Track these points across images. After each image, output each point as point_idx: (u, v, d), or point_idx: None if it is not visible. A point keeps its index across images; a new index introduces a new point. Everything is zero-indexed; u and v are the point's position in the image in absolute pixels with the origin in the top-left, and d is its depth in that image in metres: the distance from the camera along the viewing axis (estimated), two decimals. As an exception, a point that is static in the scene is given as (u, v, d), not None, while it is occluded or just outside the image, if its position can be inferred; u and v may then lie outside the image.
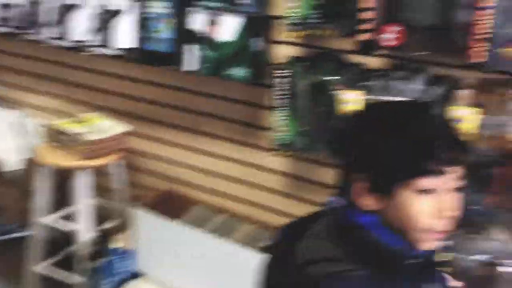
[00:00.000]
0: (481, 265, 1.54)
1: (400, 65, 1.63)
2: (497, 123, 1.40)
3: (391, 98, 1.52)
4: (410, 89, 1.53)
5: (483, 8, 1.28)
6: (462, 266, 1.55)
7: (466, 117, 1.37)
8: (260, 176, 2.08)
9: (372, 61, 1.68)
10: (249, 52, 1.78)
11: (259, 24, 1.77)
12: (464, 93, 1.45)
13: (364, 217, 0.91)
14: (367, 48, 1.48)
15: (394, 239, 0.89)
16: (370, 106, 1.03)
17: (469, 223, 1.57)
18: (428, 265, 0.91)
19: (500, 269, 1.51)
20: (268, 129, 1.94)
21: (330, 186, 1.07)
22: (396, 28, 1.46)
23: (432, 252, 0.92)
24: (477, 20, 1.32)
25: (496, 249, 1.53)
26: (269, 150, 1.93)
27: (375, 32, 1.46)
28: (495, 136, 1.40)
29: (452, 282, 1.34)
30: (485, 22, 1.31)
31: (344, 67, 1.69)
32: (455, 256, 1.53)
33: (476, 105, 1.43)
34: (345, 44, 1.66)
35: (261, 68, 1.82)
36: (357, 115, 0.97)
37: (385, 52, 1.57)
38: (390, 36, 1.46)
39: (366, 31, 1.46)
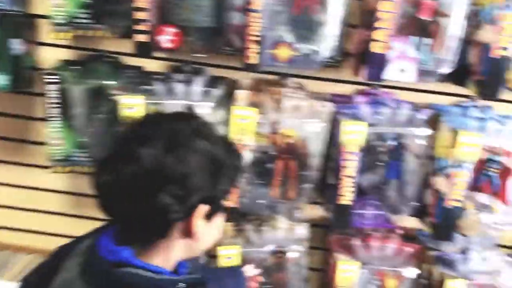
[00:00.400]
0: (271, 254, 1.63)
1: (180, 68, 1.61)
2: (272, 120, 1.49)
3: (174, 102, 1.49)
4: (192, 92, 1.52)
5: (252, 11, 1.34)
6: (255, 259, 1.62)
7: (246, 117, 1.42)
8: (37, 198, 1.83)
9: (152, 64, 1.62)
10: (7, 56, 1.52)
11: (18, 24, 1.54)
12: (242, 94, 1.51)
13: (122, 252, 0.85)
14: (144, 50, 1.41)
15: (155, 268, 0.87)
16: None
17: (257, 217, 1.65)
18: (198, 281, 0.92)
19: (287, 255, 1.63)
20: (41, 143, 1.71)
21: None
22: (173, 30, 1.42)
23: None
24: (249, 22, 1.37)
25: (282, 238, 1.64)
26: (44, 167, 1.70)
27: (152, 33, 1.40)
28: (271, 133, 1.49)
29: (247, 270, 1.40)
30: (255, 24, 1.37)
31: (123, 70, 1.59)
32: (246, 250, 1.59)
33: (254, 104, 1.49)
34: (121, 45, 1.57)
35: (25, 74, 1.59)
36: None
37: (163, 54, 1.53)
38: (167, 37, 1.42)
39: (141, 32, 1.39)
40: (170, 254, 0.89)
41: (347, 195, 1.49)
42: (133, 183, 0.81)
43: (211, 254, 1.66)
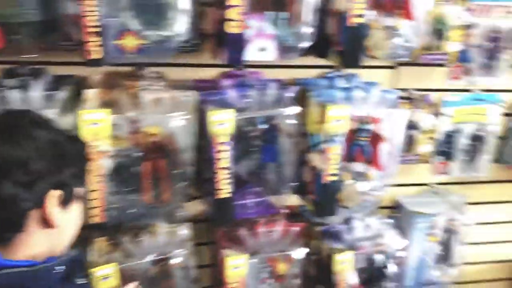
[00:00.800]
0: (154, 264, 1.49)
1: (13, 71, 1.37)
2: (131, 119, 1.32)
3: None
4: (30, 99, 1.29)
5: (84, -1, 1.15)
6: (136, 272, 1.47)
7: (97, 120, 1.24)
8: None
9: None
10: None
11: None
12: (91, 93, 1.32)
13: None
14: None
15: (23, 262, 0.85)
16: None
17: (131, 227, 1.50)
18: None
19: (171, 261, 1.50)
20: None
21: None
22: (-10, 28, 1.18)
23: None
24: (84, 11, 1.18)
25: (163, 244, 1.51)
26: None
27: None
28: (132, 133, 1.33)
29: None
30: (92, 13, 1.18)
31: None
32: (126, 265, 1.44)
33: (107, 104, 1.32)
34: None
35: None
36: None
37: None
38: (-16, 38, 1.18)
39: None
40: (34, 248, 0.87)
41: (225, 188, 1.39)
42: None
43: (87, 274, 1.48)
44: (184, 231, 1.54)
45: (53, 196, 0.85)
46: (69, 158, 0.88)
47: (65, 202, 0.88)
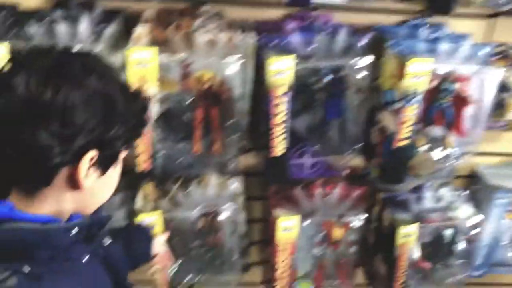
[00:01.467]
0: (201, 217, 1.42)
1: (61, 2, 1.28)
2: (182, 62, 1.20)
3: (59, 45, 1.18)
4: (78, 32, 1.20)
5: None
6: (183, 223, 1.41)
7: (145, 60, 1.13)
8: None
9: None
10: None
11: None
12: (141, 30, 1.21)
13: None
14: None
15: (41, 217, 0.75)
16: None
17: (180, 177, 1.42)
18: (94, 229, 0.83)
19: (220, 215, 1.42)
20: None
21: None
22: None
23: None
24: None
25: (213, 196, 1.42)
26: None
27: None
28: (183, 77, 1.21)
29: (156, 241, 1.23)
30: None
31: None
32: (173, 215, 1.38)
33: (158, 43, 1.20)
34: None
35: None
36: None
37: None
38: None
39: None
40: (58, 204, 0.78)
41: (280, 145, 1.26)
42: (5, 117, 0.70)
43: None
44: (235, 184, 1.44)
45: (92, 156, 0.74)
46: (121, 116, 0.76)
47: (103, 165, 0.78)
